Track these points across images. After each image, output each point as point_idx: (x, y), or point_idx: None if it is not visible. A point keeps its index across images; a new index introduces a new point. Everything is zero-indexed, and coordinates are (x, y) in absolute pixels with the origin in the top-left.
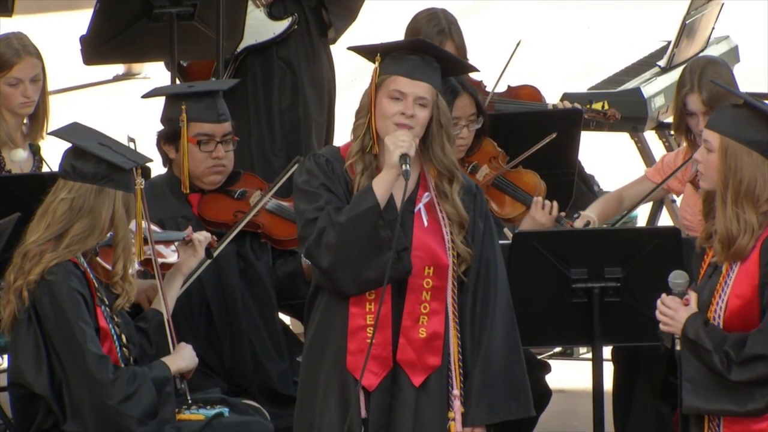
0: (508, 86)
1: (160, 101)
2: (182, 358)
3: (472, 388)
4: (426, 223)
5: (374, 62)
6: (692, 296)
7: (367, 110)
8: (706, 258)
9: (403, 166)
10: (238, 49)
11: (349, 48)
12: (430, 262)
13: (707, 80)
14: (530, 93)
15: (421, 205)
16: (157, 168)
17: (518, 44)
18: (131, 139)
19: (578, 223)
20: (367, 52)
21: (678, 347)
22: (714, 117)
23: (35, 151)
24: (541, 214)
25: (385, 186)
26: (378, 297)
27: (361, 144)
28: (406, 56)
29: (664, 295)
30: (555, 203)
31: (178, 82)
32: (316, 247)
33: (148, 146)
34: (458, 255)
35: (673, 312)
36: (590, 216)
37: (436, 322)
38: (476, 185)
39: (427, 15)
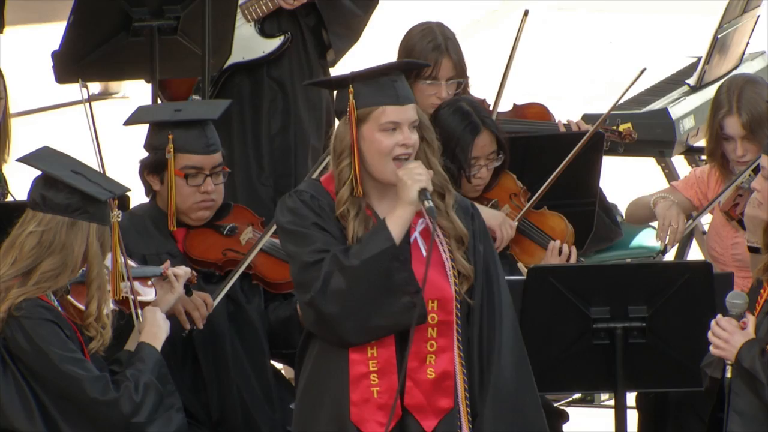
0: (514, 104)
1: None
2: (159, 327)
3: (483, 429)
4: (425, 254)
5: (348, 95)
6: (750, 320)
7: (350, 150)
8: (762, 293)
9: (426, 203)
10: (224, 66)
11: (307, 83)
12: (434, 295)
13: (747, 101)
14: (538, 112)
15: (416, 234)
16: (137, 197)
17: (524, 14)
18: (84, 85)
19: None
20: (334, 84)
21: (729, 374)
22: None
23: None
24: (556, 261)
25: (401, 224)
26: (380, 341)
27: (350, 189)
28: (379, 80)
29: (719, 316)
30: (573, 249)
31: (160, 101)
32: (322, 294)
33: (128, 174)
34: (458, 274)
35: (728, 335)
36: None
37: (445, 361)
38: (472, 204)
39: (421, 30)
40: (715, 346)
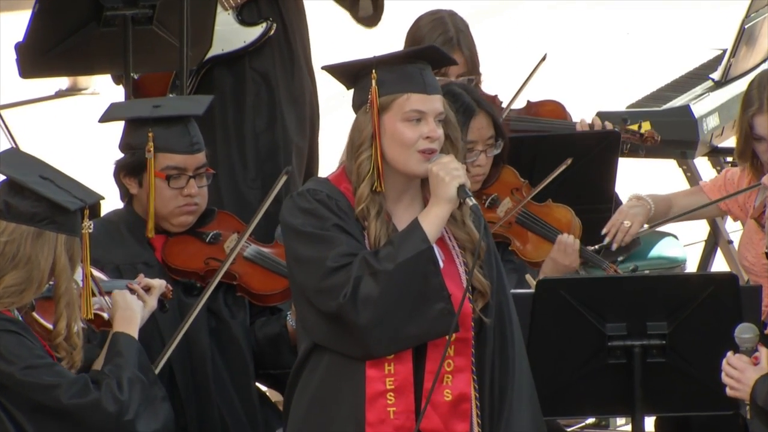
0: (528, 101)
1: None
2: (133, 310)
3: None
4: (442, 264)
5: (371, 80)
6: (763, 353)
7: (371, 141)
8: None
9: (469, 201)
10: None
11: (325, 67)
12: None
13: None
14: (553, 109)
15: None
16: (111, 202)
17: (543, 58)
18: None
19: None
20: (350, 70)
21: (749, 415)
22: None
23: None
24: (564, 256)
25: (438, 224)
26: (398, 357)
27: (370, 185)
28: (405, 67)
29: (730, 354)
30: (576, 239)
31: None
32: (352, 301)
33: (102, 178)
34: (473, 290)
35: (739, 373)
36: (645, 203)
37: (463, 382)
38: (481, 216)
39: (431, 21)
40: (729, 387)
